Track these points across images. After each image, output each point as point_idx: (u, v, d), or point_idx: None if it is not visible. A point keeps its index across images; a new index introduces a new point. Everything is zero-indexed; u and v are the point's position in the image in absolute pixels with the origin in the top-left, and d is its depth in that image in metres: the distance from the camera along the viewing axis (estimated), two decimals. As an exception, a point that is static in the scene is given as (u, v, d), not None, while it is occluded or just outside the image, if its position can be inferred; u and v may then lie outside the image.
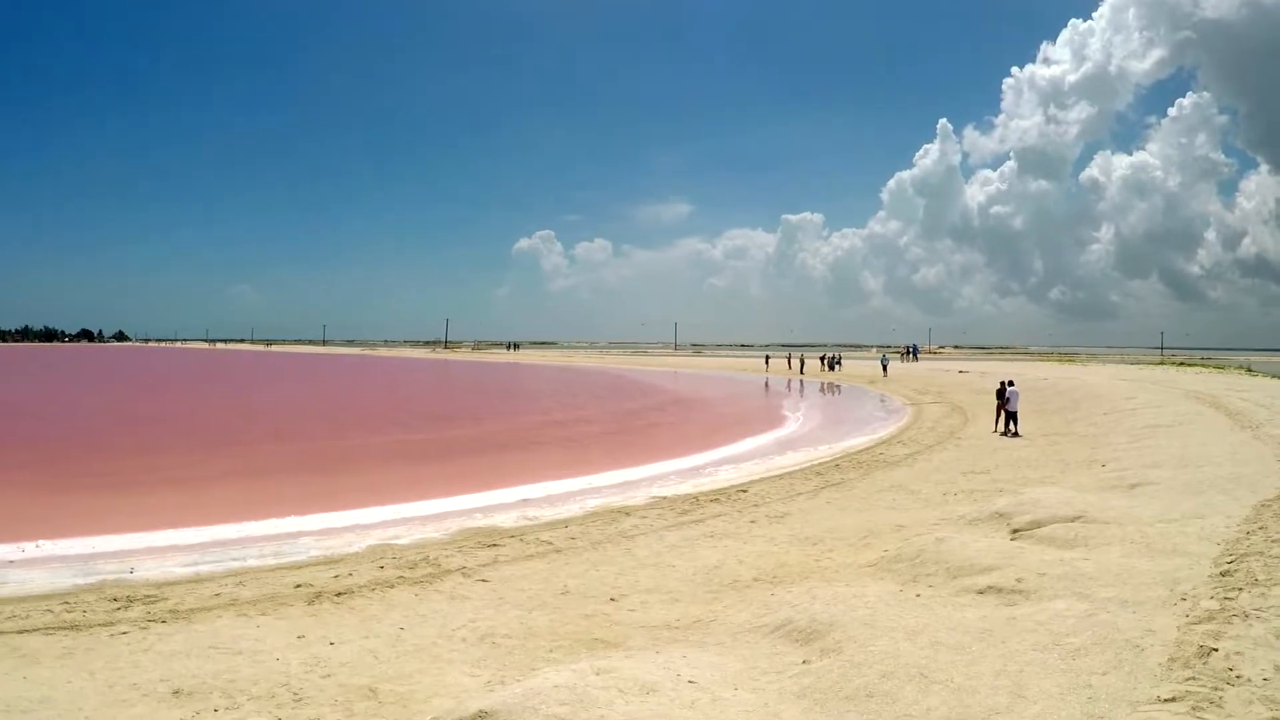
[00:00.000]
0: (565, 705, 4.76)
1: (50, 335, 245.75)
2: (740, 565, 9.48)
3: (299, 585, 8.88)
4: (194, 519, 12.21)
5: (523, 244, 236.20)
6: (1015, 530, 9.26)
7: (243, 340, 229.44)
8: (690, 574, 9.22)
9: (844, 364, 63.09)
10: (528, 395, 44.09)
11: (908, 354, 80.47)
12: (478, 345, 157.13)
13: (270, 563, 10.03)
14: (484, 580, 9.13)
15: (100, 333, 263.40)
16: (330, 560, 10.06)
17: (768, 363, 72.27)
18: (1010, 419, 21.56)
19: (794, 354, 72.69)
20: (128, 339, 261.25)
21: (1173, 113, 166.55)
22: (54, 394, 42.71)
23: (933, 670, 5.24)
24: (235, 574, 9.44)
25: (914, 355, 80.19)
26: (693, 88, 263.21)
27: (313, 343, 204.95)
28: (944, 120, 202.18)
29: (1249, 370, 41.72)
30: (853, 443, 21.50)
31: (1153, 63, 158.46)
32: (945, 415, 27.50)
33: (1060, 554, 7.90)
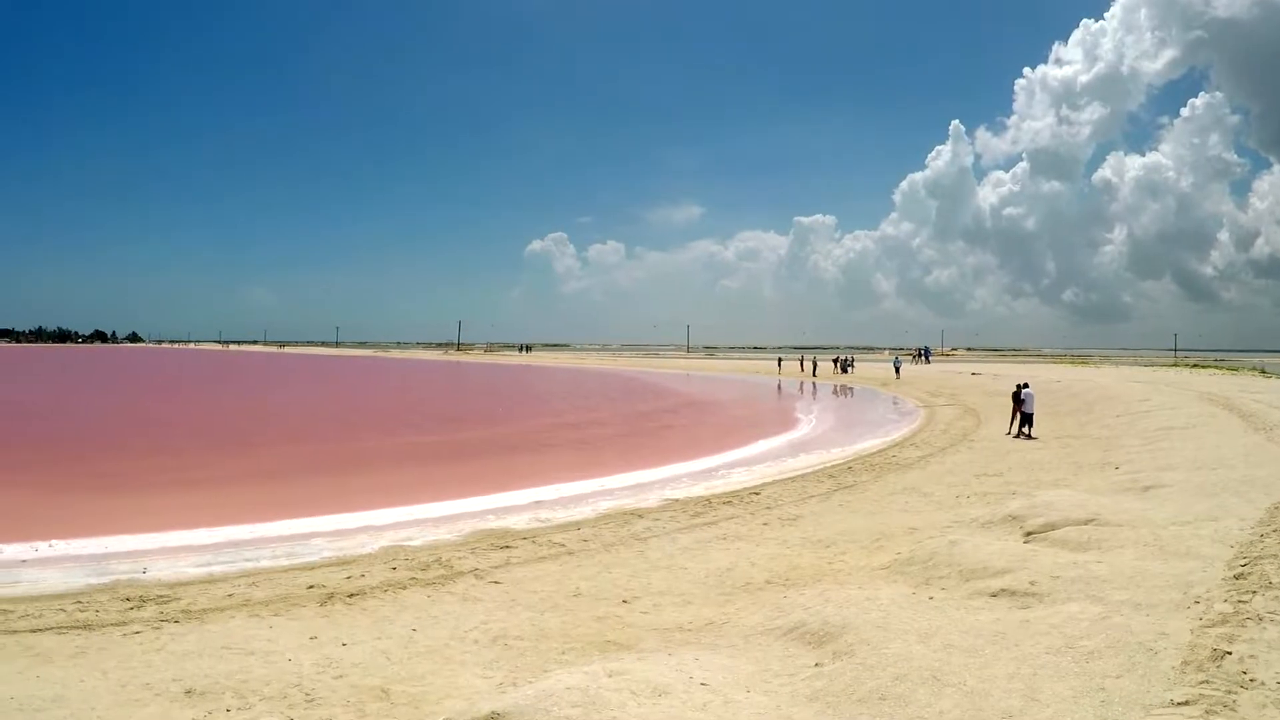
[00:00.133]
0: (577, 707, 4.77)
1: (64, 336, 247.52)
2: (753, 567, 9.47)
3: (312, 586, 8.89)
4: (207, 519, 12.25)
5: (535, 246, 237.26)
6: (1028, 533, 9.23)
7: (256, 342, 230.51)
8: (703, 576, 9.21)
9: (856, 366, 63.07)
10: (540, 397, 44.16)
11: (919, 356, 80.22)
12: (490, 347, 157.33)
13: (283, 563, 10.05)
14: (496, 582, 9.14)
15: (114, 334, 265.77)
16: (343, 561, 10.09)
17: (780, 365, 72.07)
18: (1025, 421, 21.52)
19: (806, 356, 72.62)
20: (141, 340, 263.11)
21: (1185, 113, 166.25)
22: (67, 394, 43.01)
23: (946, 673, 5.24)
24: (248, 574, 9.47)
25: (926, 357, 79.94)
26: (705, 89, 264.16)
27: (325, 344, 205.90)
28: (956, 121, 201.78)
29: (1263, 372, 41.42)
30: (865, 445, 21.44)
31: (1165, 63, 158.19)
32: (958, 418, 27.39)
33: (1073, 557, 7.88)
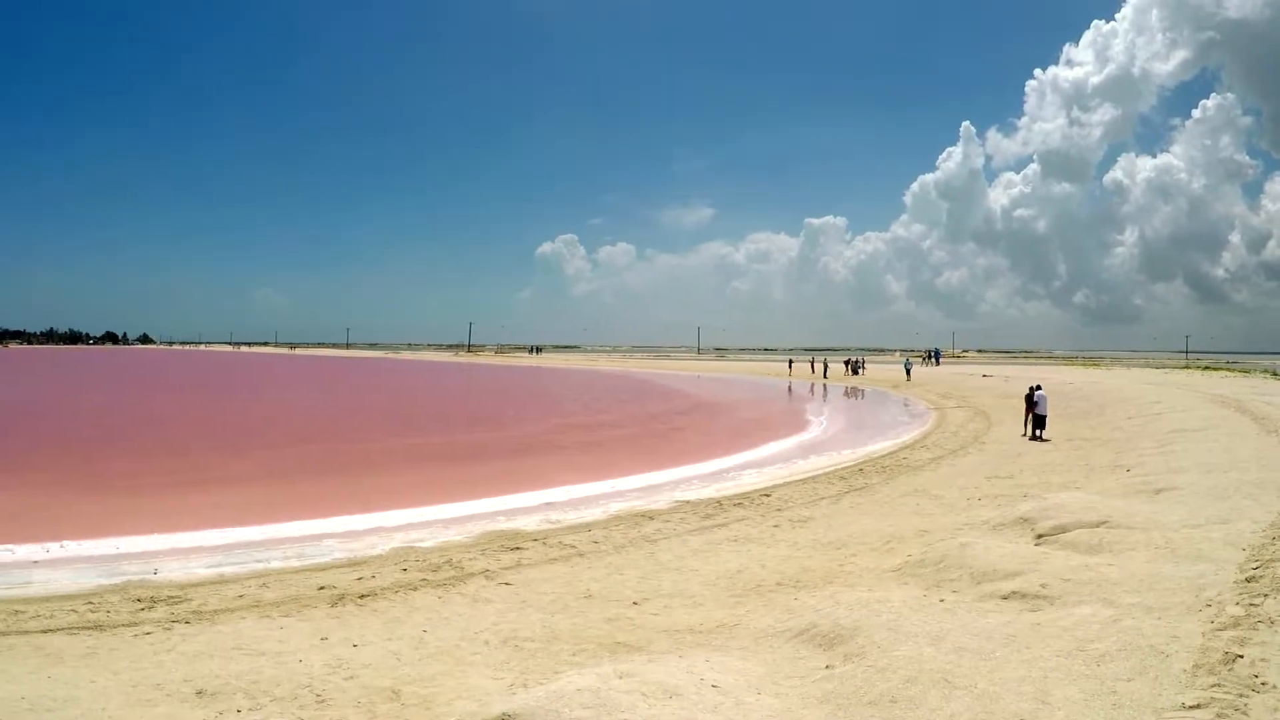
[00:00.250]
0: (588, 709, 4.79)
1: (75, 337, 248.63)
2: (763, 569, 9.49)
3: (322, 587, 8.94)
4: (218, 520, 12.33)
5: (546, 248, 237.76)
6: (1039, 535, 9.21)
7: (267, 343, 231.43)
8: (713, 578, 9.23)
9: (867, 368, 62.99)
10: (550, 399, 44.21)
11: (929, 358, 79.95)
12: (500, 349, 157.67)
13: (294, 564, 10.11)
14: (507, 583, 9.17)
15: (125, 335, 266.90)
16: (353, 562, 10.14)
17: (791, 367, 71.98)
18: (1038, 423, 21.51)
19: (817, 358, 72.49)
20: (152, 341, 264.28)
21: (1197, 114, 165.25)
22: (78, 395, 43.28)
23: (956, 676, 5.24)
24: (259, 575, 9.52)
25: (936, 359, 79.66)
26: (716, 91, 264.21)
27: (336, 346, 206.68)
28: (967, 123, 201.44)
29: (1274, 374, 41.22)
30: (876, 447, 21.44)
31: (1176, 64, 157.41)
32: (969, 420, 27.32)
33: (1085, 559, 7.86)
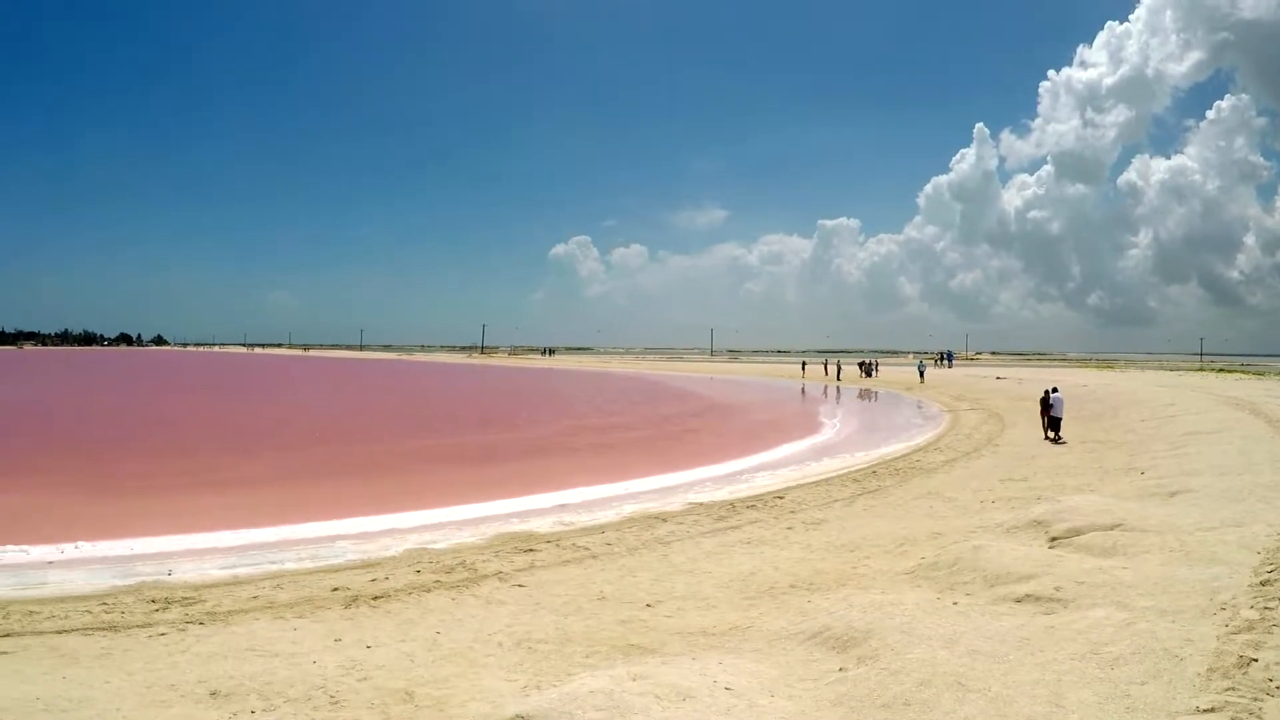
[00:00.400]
0: (601, 711, 4.82)
1: (89, 339, 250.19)
2: (777, 572, 9.50)
3: (336, 588, 8.99)
4: (232, 522, 12.41)
5: (559, 249, 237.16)
6: (1053, 538, 9.19)
7: (280, 344, 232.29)
8: (726, 580, 9.25)
9: (880, 370, 62.82)
10: (564, 400, 44.26)
11: (942, 360, 79.68)
12: (514, 350, 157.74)
13: (307, 566, 10.16)
14: (520, 585, 9.21)
15: (139, 336, 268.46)
16: (367, 564, 10.18)
17: (804, 369, 71.86)
18: (1054, 425, 21.48)
19: (830, 360, 72.32)
20: (166, 343, 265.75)
21: (1211, 115, 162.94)
22: (92, 396, 43.66)
23: (970, 679, 5.25)
24: (272, 577, 9.57)
25: (948, 361, 79.37)
26: (729, 92, 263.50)
27: (349, 347, 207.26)
28: (980, 124, 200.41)
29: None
30: (889, 449, 21.40)
31: (1190, 65, 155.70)
32: (982, 422, 27.23)
33: (1099, 562, 7.85)
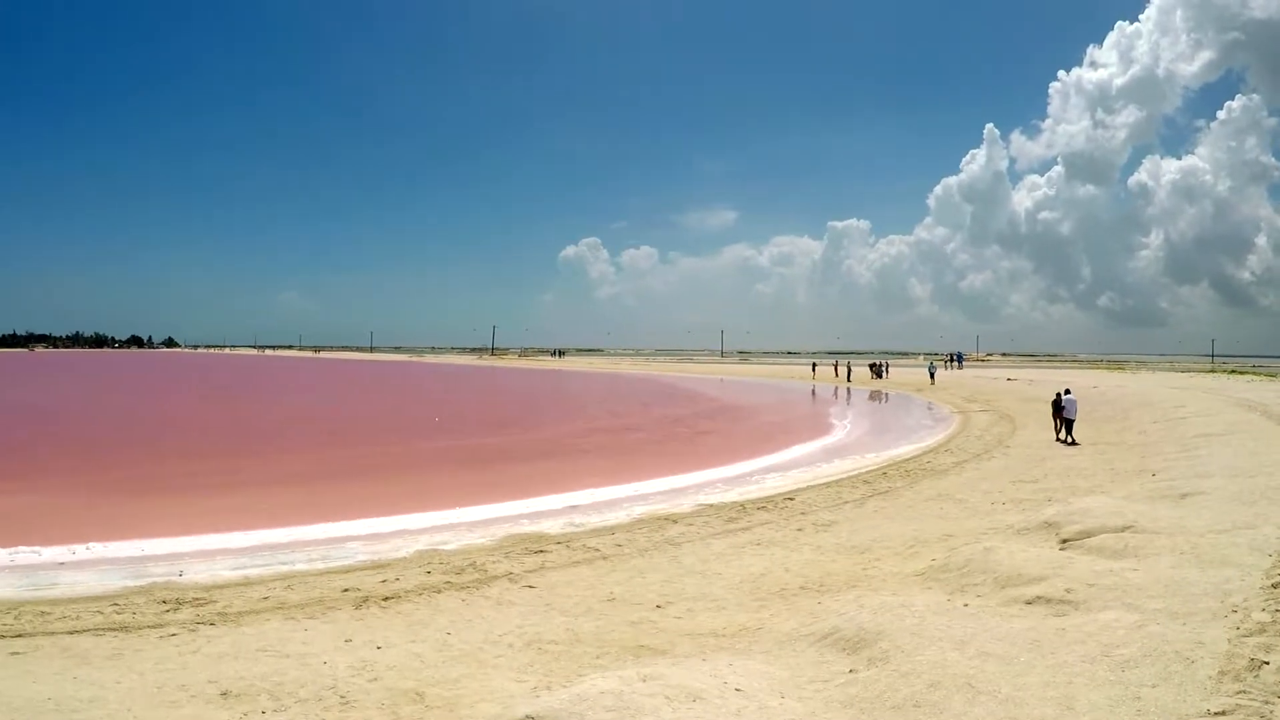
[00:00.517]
0: (612, 711, 4.85)
1: (100, 341, 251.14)
2: (787, 573, 9.51)
3: (346, 589, 9.02)
4: (242, 523, 12.47)
5: (569, 251, 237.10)
6: (1064, 540, 9.18)
7: (291, 346, 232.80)
8: (737, 582, 9.26)
9: (890, 372, 62.72)
10: (575, 402, 44.32)
11: (951, 361, 79.47)
12: (524, 352, 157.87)
13: (318, 566, 10.20)
14: (531, 586, 9.24)
15: (150, 339, 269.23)
16: (378, 565, 10.22)
17: (814, 370, 71.75)
18: (1067, 426, 21.44)
19: (840, 361, 72.20)
20: (177, 345, 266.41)
21: (1222, 115, 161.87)
22: (103, 398, 44.00)
23: (980, 681, 5.25)
24: (283, 577, 9.61)
25: (958, 362, 79.16)
26: (738, 93, 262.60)
27: (360, 349, 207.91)
28: (990, 125, 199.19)
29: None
30: (900, 451, 21.35)
31: (1201, 65, 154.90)
32: (993, 423, 27.15)
33: (1109, 564, 7.83)
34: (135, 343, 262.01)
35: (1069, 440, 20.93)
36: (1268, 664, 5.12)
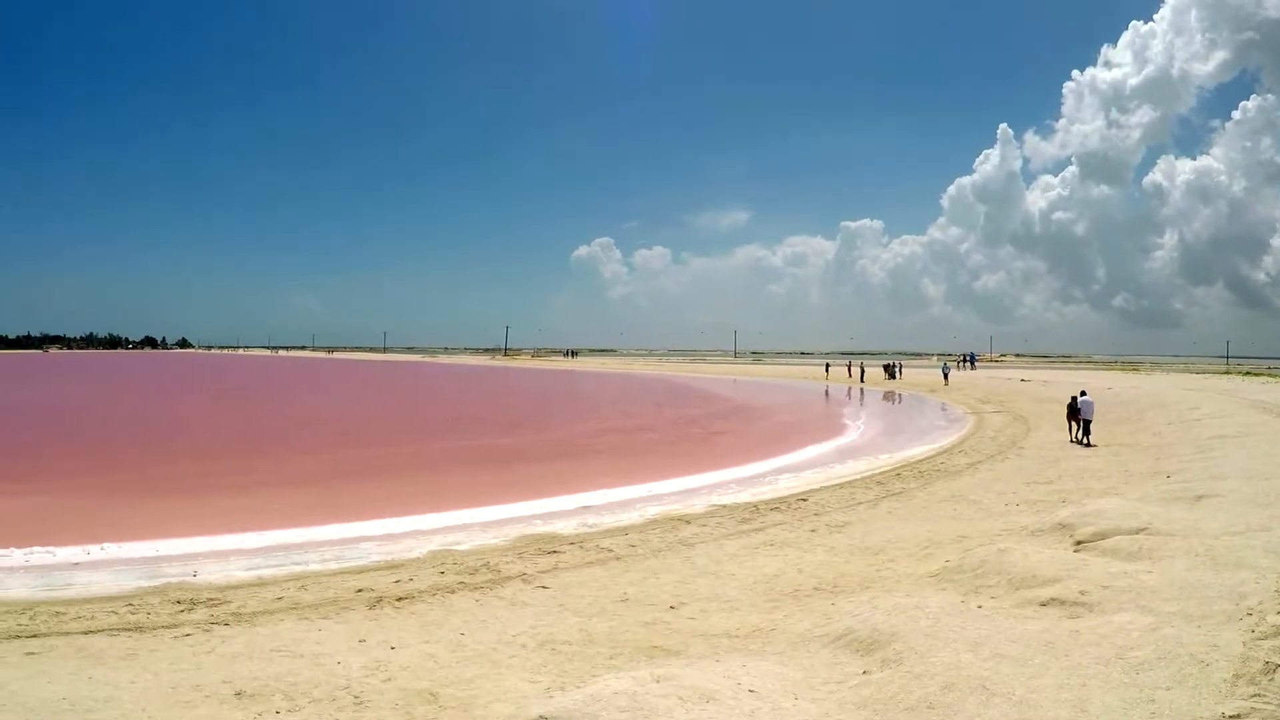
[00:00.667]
0: (625, 712, 4.87)
1: (114, 342, 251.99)
2: (800, 574, 9.51)
3: (360, 589, 9.06)
4: (256, 523, 12.54)
5: (581, 251, 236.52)
6: (1078, 542, 9.16)
7: (304, 347, 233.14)
8: (750, 583, 9.27)
9: (904, 372, 62.54)
10: (588, 402, 44.41)
11: (964, 361, 79.19)
12: (537, 353, 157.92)
13: (332, 567, 10.24)
14: (544, 587, 9.27)
15: (163, 340, 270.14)
16: (391, 565, 10.26)
17: (828, 371, 71.58)
18: (1084, 428, 21.38)
19: (854, 362, 72.04)
20: (190, 346, 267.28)
21: (1237, 115, 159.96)
22: (117, 399, 44.26)
23: (994, 682, 5.26)
24: (297, 578, 9.65)
25: (971, 363, 78.84)
26: (751, 93, 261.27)
27: (373, 349, 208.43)
28: (1004, 125, 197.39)
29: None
30: (913, 452, 21.31)
31: (1216, 65, 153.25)
32: (1007, 424, 27.04)
33: (1124, 566, 7.81)
34: (149, 343, 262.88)
35: (1086, 441, 20.87)
36: (1283, 667, 5.10)
